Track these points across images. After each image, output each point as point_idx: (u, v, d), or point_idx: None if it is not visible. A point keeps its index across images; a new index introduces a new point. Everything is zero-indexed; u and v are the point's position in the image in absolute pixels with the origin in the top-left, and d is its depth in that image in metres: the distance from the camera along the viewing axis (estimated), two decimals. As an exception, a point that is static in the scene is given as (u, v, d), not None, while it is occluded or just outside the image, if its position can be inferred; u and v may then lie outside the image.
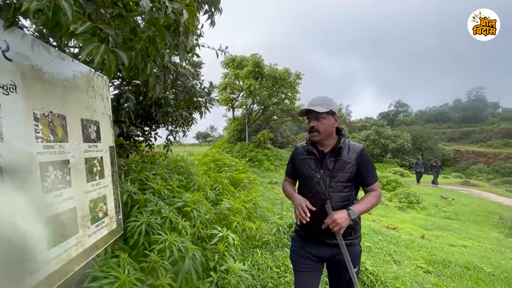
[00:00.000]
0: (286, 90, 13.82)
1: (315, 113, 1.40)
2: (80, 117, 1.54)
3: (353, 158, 1.43)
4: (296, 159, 1.56)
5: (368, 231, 4.50)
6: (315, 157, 1.46)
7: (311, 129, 1.42)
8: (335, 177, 1.40)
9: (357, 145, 1.49)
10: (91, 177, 1.60)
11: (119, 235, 1.90)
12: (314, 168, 1.45)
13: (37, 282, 1.10)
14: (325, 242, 1.44)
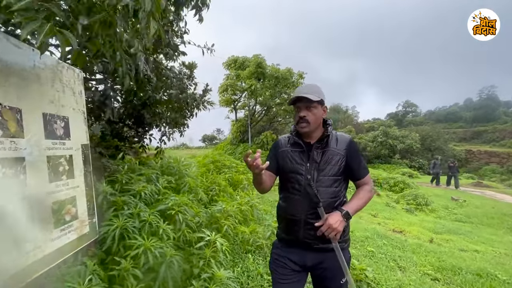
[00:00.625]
0: (289, 90, 13.63)
1: (306, 102, 1.27)
2: (42, 112, 1.41)
3: (342, 149, 1.30)
4: (278, 151, 1.40)
5: (372, 234, 4.26)
6: (301, 149, 1.32)
7: (300, 119, 1.28)
8: (323, 170, 1.27)
9: (345, 135, 1.37)
10: (55, 176, 1.47)
11: (92, 240, 1.77)
12: (299, 161, 1.31)
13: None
14: (311, 246, 1.28)
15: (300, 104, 1.29)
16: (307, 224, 1.25)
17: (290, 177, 1.32)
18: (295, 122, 1.34)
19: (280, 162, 1.38)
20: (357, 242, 3.79)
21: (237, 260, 2.64)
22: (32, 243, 1.26)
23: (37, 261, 1.28)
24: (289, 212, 1.31)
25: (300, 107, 1.30)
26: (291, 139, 1.38)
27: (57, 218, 1.45)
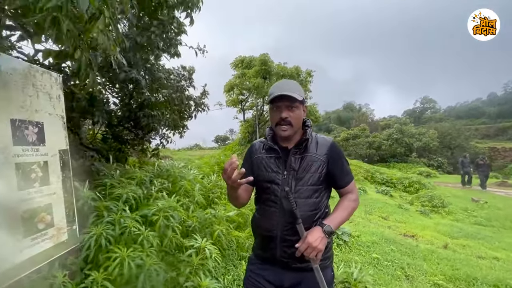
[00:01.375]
0: (297, 89, 13.37)
1: (288, 101, 1.12)
2: (9, 118, 1.37)
3: (323, 154, 1.16)
4: (252, 159, 1.26)
5: (379, 239, 4.04)
6: (277, 155, 1.18)
7: (281, 121, 1.13)
8: (301, 178, 1.13)
9: (326, 138, 1.23)
10: (26, 184, 1.42)
11: (72, 248, 1.73)
12: (275, 169, 1.16)
13: None
14: (288, 266, 1.15)
15: (281, 103, 1.13)
16: (284, 241, 1.12)
17: (266, 187, 1.18)
18: (273, 124, 1.18)
19: (255, 171, 1.23)
20: (362, 248, 3.58)
21: (229, 267, 2.54)
22: (-6, 254, 1.21)
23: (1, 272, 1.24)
24: (264, 226, 1.18)
25: (280, 106, 1.14)
26: (266, 144, 1.23)
27: (27, 226, 1.41)
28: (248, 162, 1.28)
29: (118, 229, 1.83)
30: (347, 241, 3.61)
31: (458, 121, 33.35)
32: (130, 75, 2.67)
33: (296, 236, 1.09)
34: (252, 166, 1.25)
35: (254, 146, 1.31)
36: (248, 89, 13.18)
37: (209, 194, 4.00)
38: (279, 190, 1.14)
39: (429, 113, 46.96)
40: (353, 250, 3.46)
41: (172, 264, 2.11)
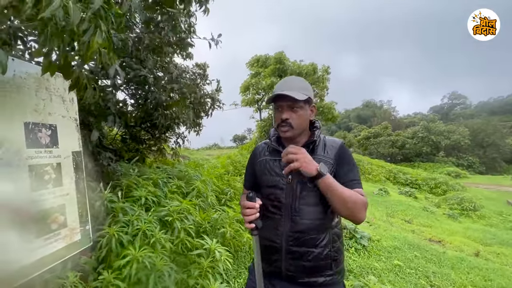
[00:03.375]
0: (313, 86, 13.07)
1: (289, 101, 1.03)
2: (23, 121, 1.41)
3: (331, 156, 1.05)
4: (256, 162, 1.19)
5: (402, 244, 3.80)
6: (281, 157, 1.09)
7: (282, 122, 1.05)
8: (307, 183, 1.01)
9: (336, 140, 1.12)
10: (39, 185, 1.46)
11: (84, 248, 1.76)
12: (280, 173, 1.07)
13: None
14: (295, 280, 1.04)
15: (282, 103, 1.05)
16: (289, 253, 1.03)
17: (269, 192, 1.09)
18: (275, 125, 1.10)
19: (258, 175, 1.15)
20: (383, 254, 3.39)
21: (241, 269, 2.49)
22: (7, 254, 1.25)
23: (13, 273, 1.27)
24: (268, 236, 1.07)
25: (282, 106, 1.06)
26: (270, 146, 1.15)
27: (41, 227, 1.44)
28: (251, 166, 1.21)
29: (132, 230, 1.84)
30: (366, 246, 3.43)
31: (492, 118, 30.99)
32: (139, 73, 2.70)
33: (304, 247, 1.00)
34: (255, 170, 1.18)
35: (258, 149, 1.23)
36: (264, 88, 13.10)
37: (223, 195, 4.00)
38: (284, 196, 1.05)
39: (458, 109, 44.16)
40: (372, 256, 3.27)
41: (183, 265, 2.10)
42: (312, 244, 1.00)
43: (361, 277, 2.60)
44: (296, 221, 1.01)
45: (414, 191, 9.61)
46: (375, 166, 13.51)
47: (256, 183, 1.18)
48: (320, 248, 1.01)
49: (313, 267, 1.01)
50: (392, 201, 7.73)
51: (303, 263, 1.01)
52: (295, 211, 1.02)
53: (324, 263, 1.02)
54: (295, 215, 1.02)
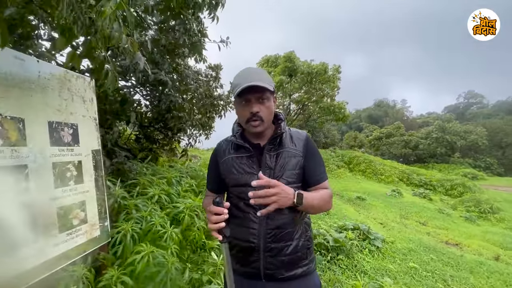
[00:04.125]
0: (324, 86, 12.96)
1: (258, 92, 0.96)
2: (47, 120, 1.47)
3: (300, 149, 1.03)
4: (220, 162, 1.09)
5: (417, 246, 3.71)
6: (249, 153, 1.02)
7: (252, 116, 0.97)
8: (279, 177, 0.98)
9: (300, 132, 1.11)
10: (62, 182, 1.52)
11: (103, 243, 1.81)
12: (249, 170, 1.00)
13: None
14: (274, 277, 1.00)
15: (250, 95, 0.96)
16: (268, 251, 0.98)
17: (240, 191, 1.01)
18: (243, 120, 1.01)
19: (225, 175, 1.06)
20: (397, 256, 3.31)
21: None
22: (33, 247, 1.30)
23: (38, 265, 1.32)
24: (242, 237, 1.00)
25: (249, 100, 0.97)
26: (234, 143, 1.06)
27: (63, 222, 1.49)
28: (215, 167, 1.11)
29: (146, 226, 1.88)
30: (380, 247, 3.37)
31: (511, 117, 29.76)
32: (159, 76, 2.76)
33: (281, 242, 0.97)
34: (220, 171, 1.08)
35: (220, 147, 1.13)
36: (274, 88, 13.10)
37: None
38: None
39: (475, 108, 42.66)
40: (386, 258, 3.21)
41: (196, 263, 2.13)
42: (289, 238, 0.98)
43: (376, 278, 2.55)
44: (273, 217, 0.96)
45: (428, 192, 9.35)
46: (387, 167, 13.23)
47: (223, 183, 1.10)
48: (296, 240, 0.99)
49: (291, 260, 0.98)
50: (405, 202, 7.54)
51: (282, 258, 0.98)
52: None
53: (300, 254, 1.00)
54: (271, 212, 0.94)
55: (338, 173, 12.03)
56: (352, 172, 12.83)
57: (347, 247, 2.93)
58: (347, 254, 2.90)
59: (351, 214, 5.26)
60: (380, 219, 5.43)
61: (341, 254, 2.87)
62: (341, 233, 3.43)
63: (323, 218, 4.59)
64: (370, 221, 5.06)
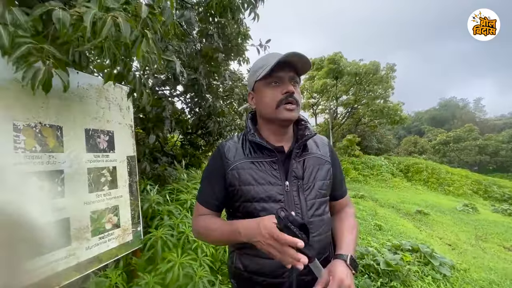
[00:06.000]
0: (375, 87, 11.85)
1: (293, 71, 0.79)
2: (84, 128, 1.55)
3: (327, 154, 0.87)
4: (228, 169, 0.82)
5: (501, 279, 2.95)
6: (272, 157, 0.80)
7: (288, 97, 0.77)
8: (311, 189, 0.79)
9: (321, 136, 0.95)
10: (96, 187, 1.57)
11: (135, 249, 1.84)
12: (273, 180, 0.78)
13: (-3, 297, 1.07)
14: None
15: (283, 73, 0.78)
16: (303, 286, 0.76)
17: (260, 208, 0.76)
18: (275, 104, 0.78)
19: (234, 187, 0.80)
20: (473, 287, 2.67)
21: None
22: (66, 250, 1.35)
23: (70, 267, 1.37)
24: (270, 270, 0.77)
25: (283, 78, 0.78)
26: (250, 144, 0.84)
27: (96, 226, 1.54)
28: (220, 177, 0.83)
29: (178, 233, 1.85)
30: (448, 276, 2.76)
31: None
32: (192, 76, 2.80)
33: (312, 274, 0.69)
34: (224, 182, 0.82)
35: (225, 151, 0.85)
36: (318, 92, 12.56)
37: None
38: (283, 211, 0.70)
39: None
40: (457, 289, 2.61)
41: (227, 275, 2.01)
42: (325, 265, 0.72)
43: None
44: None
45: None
46: (456, 176, 11.31)
47: (228, 198, 0.84)
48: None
49: None
50: (483, 220, 6.25)
51: None
52: None
53: None
54: None
55: (393, 182, 10.76)
56: (411, 181, 11.33)
57: (402, 272, 2.47)
58: (403, 281, 2.44)
59: (410, 231, 4.55)
60: (448, 239, 4.56)
61: (395, 280, 2.42)
62: (395, 254, 2.94)
63: (374, 233, 4.06)
64: (434, 241, 4.30)
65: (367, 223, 4.51)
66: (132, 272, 1.80)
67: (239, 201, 0.80)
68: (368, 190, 8.74)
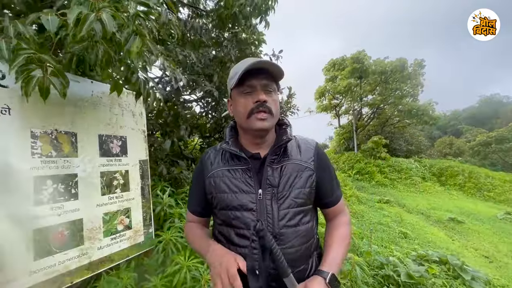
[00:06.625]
0: (402, 85, 11.16)
1: (266, 78, 0.77)
2: (97, 133, 1.64)
3: (309, 160, 0.81)
4: (206, 177, 0.84)
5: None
6: (245, 165, 0.79)
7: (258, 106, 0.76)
8: (285, 198, 0.76)
9: (308, 140, 0.88)
10: (108, 190, 1.65)
11: (147, 250, 1.90)
12: (246, 188, 0.77)
13: (15, 291, 1.16)
14: None
15: (255, 81, 0.76)
16: None
17: (233, 217, 0.77)
18: (246, 113, 0.77)
19: (212, 193, 0.82)
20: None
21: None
22: (77, 250, 1.43)
23: (83, 266, 1.45)
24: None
25: (254, 86, 0.76)
26: (226, 152, 0.84)
27: (107, 227, 1.62)
28: (199, 182, 0.87)
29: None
30: (481, 292, 2.50)
31: None
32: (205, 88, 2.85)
33: None
34: (205, 188, 0.84)
35: (207, 158, 0.88)
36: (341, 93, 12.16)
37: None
38: (255, 219, 0.74)
39: None
40: (493, 308, 2.35)
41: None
42: (302, 279, 0.70)
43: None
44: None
45: None
46: (497, 181, 10.24)
47: (209, 204, 0.86)
48: None
49: None
50: (530, 231, 5.60)
51: None
52: (275, 238, 0.72)
53: None
54: None
55: (424, 186, 10.02)
56: (444, 186, 10.48)
57: (426, 286, 2.28)
58: (428, 295, 2.25)
59: (440, 241, 4.20)
60: (484, 251, 4.14)
61: (419, 294, 2.24)
62: (420, 265, 2.72)
63: (398, 242, 3.81)
64: (468, 253, 3.92)
65: (391, 230, 4.25)
66: (143, 273, 1.86)
67: (216, 208, 0.82)
68: (395, 195, 8.24)
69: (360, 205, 5.71)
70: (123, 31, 1.12)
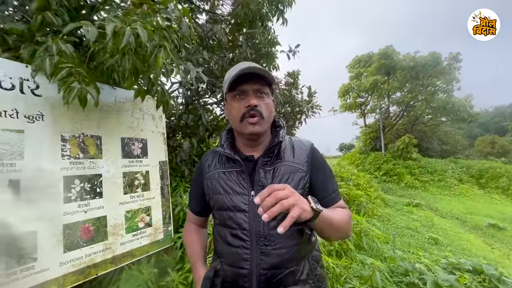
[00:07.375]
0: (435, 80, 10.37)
1: (257, 83, 0.79)
2: (120, 136, 1.75)
3: (302, 162, 0.82)
4: (204, 178, 0.89)
5: None
6: (239, 168, 0.82)
7: (251, 110, 0.78)
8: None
9: (303, 141, 0.89)
10: (130, 189, 1.76)
11: (166, 247, 1.99)
12: (239, 189, 0.80)
13: (47, 280, 1.28)
14: None
15: (246, 86, 0.78)
16: None
17: (227, 217, 0.80)
18: (238, 118, 0.79)
19: (209, 195, 0.87)
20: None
21: None
22: (102, 245, 1.54)
23: (106, 260, 1.56)
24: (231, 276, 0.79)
25: (246, 91, 0.79)
26: (222, 154, 0.88)
27: (129, 224, 1.73)
28: (198, 184, 0.92)
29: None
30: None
31: None
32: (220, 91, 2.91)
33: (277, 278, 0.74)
34: (203, 189, 0.89)
35: (205, 160, 0.93)
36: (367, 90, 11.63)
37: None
38: (247, 220, 0.76)
39: None
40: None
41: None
42: (292, 281, 0.75)
43: None
44: (268, 252, 0.74)
45: None
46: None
47: (208, 204, 0.90)
48: (301, 283, 0.76)
49: None
50: None
51: None
52: (265, 239, 0.75)
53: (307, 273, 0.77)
54: (265, 245, 0.75)
55: (460, 189, 9.24)
56: (484, 189, 9.58)
57: (457, 298, 2.11)
58: (457, 307, 2.08)
59: (477, 249, 3.86)
60: (530, 262, 3.73)
61: (447, 305, 2.08)
62: (451, 274, 2.53)
63: (428, 248, 3.57)
64: (511, 262, 3.56)
65: (420, 236, 3.99)
66: (163, 269, 1.96)
67: (213, 208, 0.87)
68: (426, 197, 7.71)
69: (386, 208, 5.43)
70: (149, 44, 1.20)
